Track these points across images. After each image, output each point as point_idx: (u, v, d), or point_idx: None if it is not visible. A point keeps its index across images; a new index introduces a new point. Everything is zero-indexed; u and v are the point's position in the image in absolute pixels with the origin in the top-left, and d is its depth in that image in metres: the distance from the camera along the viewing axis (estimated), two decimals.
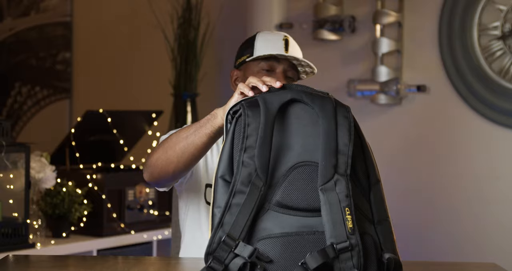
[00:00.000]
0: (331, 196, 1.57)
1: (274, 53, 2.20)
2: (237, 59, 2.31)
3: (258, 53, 2.23)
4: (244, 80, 2.20)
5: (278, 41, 2.25)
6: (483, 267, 2.05)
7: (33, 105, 5.19)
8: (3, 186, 3.14)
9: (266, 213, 1.57)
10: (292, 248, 1.56)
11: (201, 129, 1.87)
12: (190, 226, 2.24)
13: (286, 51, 2.24)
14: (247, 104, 1.65)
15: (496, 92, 3.88)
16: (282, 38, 2.26)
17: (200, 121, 1.89)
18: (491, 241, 3.89)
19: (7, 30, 5.18)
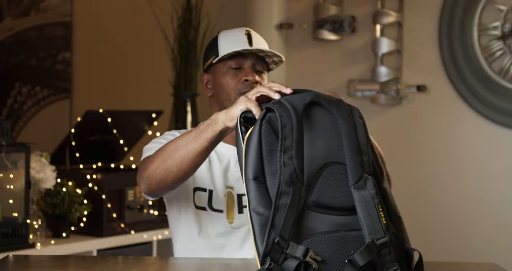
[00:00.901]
0: (364, 193, 1.62)
1: (238, 50, 2.16)
2: (204, 62, 2.27)
3: (223, 52, 2.19)
4: (215, 83, 2.20)
5: (240, 36, 2.21)
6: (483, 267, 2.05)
7: (33, 105, 5.20)
8: (3, 186, 3.14)
9: (304, 213, 1.59)
10: (337, 246, 1.58)
11: (202, 135, 1.86)
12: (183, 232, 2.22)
13: (250, 45, 2.19)
14: (277, 106, 1.65)
15: (496, 92, 3.88)
16: (244, 33, 2.22)
17: (199, 127, 1.89)
18: (491, 241, 3.89)
19: (7, 30, 5.19)
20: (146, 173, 1.97)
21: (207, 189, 2.19)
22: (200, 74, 2.30)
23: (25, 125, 5.18)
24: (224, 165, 2.21)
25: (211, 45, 2.25)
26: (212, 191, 2.18)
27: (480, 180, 3.94)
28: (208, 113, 2.17)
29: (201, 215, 2.16)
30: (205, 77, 2.27)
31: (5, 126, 3.08)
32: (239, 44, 2.18)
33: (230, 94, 2.19)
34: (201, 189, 2.18)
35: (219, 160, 2.22)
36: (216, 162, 2.21)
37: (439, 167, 4.05)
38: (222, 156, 2.22)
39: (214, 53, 2.23)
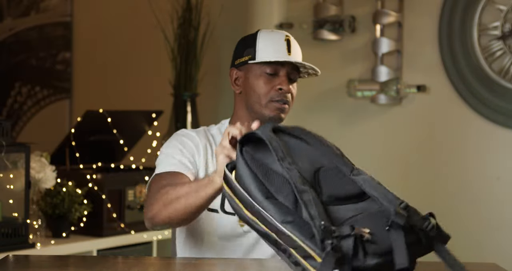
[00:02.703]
0: (364, 177, 1.67)
1: (279, 60, 2.18)
2: (237, 58, 2.26)
3: (261, 56, 2.19)
4: (246, 83, 2.20)
5: (280, 42, 2.22)
6: (483, 267, 2.05)
7: (33, 105, 5.19)
8: (3, 186, 3.14)
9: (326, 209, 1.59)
10: (370, 221, 1.57)
11: (202, 192, 1.91)
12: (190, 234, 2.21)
13: (289, 52, 2.22)
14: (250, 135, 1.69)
15: (496, 92, 3.88)
16: (284, 39, 2.24)
17: (198, 184, 1.92)
18: (491, 241, 3.89)
19: (7, 30, 5.18)
20: (150, 214, 2.02)
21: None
22: (230, 69, 2.29)
23: (25, 125, 5.18)
24: None
25: (248, 42, 2.24)
26: None
27: (480, 180, 3.94)
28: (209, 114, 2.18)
29: (212, 217, 2.15)
30: (235, 73, 2.26)
31: (5, 126, 3.08)
32: (278, 51, 2.19)
33: (261, 99, 2.20)
34: None
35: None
36: None
37: (439, 167, 4.05)
38: None
39: (250, 53, 2.22)
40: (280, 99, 2.18)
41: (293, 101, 2.23)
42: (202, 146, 2.20)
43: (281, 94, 2.18)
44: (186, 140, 2.20)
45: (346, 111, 4.29)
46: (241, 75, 2.24)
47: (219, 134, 2.26)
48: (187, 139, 2.21)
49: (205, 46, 4.33)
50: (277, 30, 2.30)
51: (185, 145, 2.19)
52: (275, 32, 2.26)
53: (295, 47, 2.25)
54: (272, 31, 2.27)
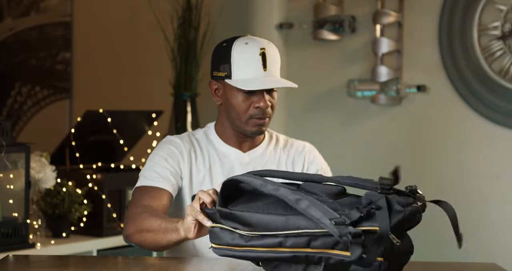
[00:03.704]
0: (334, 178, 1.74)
1: (253, 89, 2.15)
2: (214, 70, 2.24)
3: (237, 76, 2.17)
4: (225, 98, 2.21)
5: (254, 57, 2.17)
6: (483, 267, 2.05)
7: (33, 105, 5.19)
8: (3, 186, 3.14)
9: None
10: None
11: (167, 235, 1.94)
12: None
13: (264, 68, 2.18)
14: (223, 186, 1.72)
15: (496, 92, 3.88)
16: (259, 53, 2.18)
17: (167, 227, 1.94)
18: (491, 241, 3.89)
19: (7, 30, 5.18)
20: (125, 233, 2.09)
21: None
22: (209, 81, 2.28)
23: (25, 125, 5.18)
24: (227, 169, 2.22)
25: (223, 55, 2.21)
26: None
27: (480, 180, 3.94)
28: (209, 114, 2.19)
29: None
30: (214, 84, 2.26)
31: (5, 126, 3.08)
32: (253, 70, 2.17)
33: (241, 116, 2.21)
34: None
35: (221, 163, 2.23)
36: (218, 167, 2.22)
37: (439, 167, 4.05)
38: (226, 159, 2.23)
39: (226, 69, 2.19)
40: (259, 116, 2.19)
41: (273, 111, 2.25)
42: (186, 152, 2.23)
43: (260, 111, 2.19)
44: (172, 147, 2.23)
45: (346, 111, 4.29)
46: (220, 87, 2.24)
47: (204, 138, 2.28)
48: (172, 146, 2.24)
49: (205, 46, 4.33)
50: (253, 41, 2.22)
51: (170, 153, 2.22)
52: (249, 45, 2.20)
53: (271, 59, 2.20)
54: (247, 43, 2.20)
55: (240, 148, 2.26)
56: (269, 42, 2.24)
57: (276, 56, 2.24)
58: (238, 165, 2.23)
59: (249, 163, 2.25)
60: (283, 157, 2.31)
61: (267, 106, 2.20)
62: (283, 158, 2.30)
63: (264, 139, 2.32)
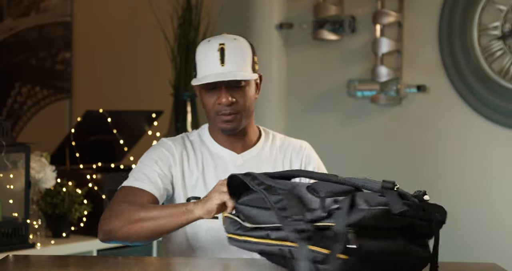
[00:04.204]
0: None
1: (206, 82, 2.14)
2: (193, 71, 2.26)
3: (198, 73, 2.18)
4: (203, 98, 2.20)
5: (213, 54, 2.15)
6: (483, 267, 2.05)
7: (33, 105, 5.19)
8: (3, 186, 3.14)
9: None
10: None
11: (176, 219, 1.95)
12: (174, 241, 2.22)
13: (222, 63, 2.14)
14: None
15: (496, 92, 3.88)
16: (218, 48, 2.16)
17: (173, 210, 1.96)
18: (491, 241, 3.89)
19: (7, 30, 5.18)
20: (107, 227, 2.05)
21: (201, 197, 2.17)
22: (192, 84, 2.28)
23: (25, 125, 5.18)
24: (221, 170, 2.20)
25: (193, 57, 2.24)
26: None
27: (480, 180, 3.94)
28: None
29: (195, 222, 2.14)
30: (196, 87, 2.26)
31: (5, 126, 3.08)
32: (210, 65, 2.15)
33: (210, 113, 2.20)
34: (195, 198, 2.18)
35: (215, 165, 2.21)
36: (211, 168, 2.21)
37: (439, 167, 4.05)
38: (220, 160, 2.22)
39: (194, 69, 2.22)
40: (224, 112, 2.17)
41: (245, 108, 2.19)
42: (177, 154, 2.22)
43: (223, 107, 2.16)
44: (163, 150, 2.22)
45: (346, 111, 4.29)
46: (199, 91, 2.25)
47: (198, 140, 2.27)
48: (164, 149, 2.23)
49: None
50: (216, 38, 2.21)
51: (161, 156, 2.21)
52: (210, 41, 2.20)
53: (230, 54, 2.16)
54: (209, 40, 2.21)
55: (233, 149, 2.24)
56: (236, 38, 2.21)
57: (241, 51, 2.19)
58: (232, 167, 2.21)
59: (243, 164, 2.22)
60: (279, 156, 2.29)
61: (228, 102, 2.15)
62: (279, 158, 2.28)
63: (259, 139, 2.30)
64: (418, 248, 1.71)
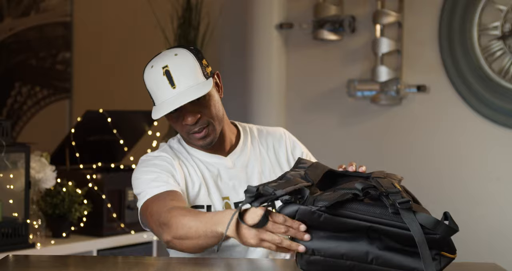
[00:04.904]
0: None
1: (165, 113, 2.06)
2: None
3: (156, 102, 2.12)
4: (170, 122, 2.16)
5: (159, 79, 2.09)
6: (483, 267, 2.05)
7: (33, 105, 5.19)
8: (3, 186, 3.14)
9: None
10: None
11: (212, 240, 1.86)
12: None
13: (172, 86, 2.07)
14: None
15: (496, 92, 3.88)
16: (162, 73, 2.10)
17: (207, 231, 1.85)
18: (491, 241, 3.89)
19: (7, 30, 5.18)
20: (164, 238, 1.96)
21: (205, 205, 2.16)
22: None
23: (25, 125, 5.18)
24: (215, 176, 2.19)
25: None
26: (210, 206, 2.15)
27: (481, 180, 3.94)
28: None
29: None
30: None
31: (5, 126, 3.08)
32: (162, 91, 2.08)
33: (183, 135, 2.18)
34: (199, 207, 2.15)
35: (210, 172, 2.19)
36: (208, 176, 2.19)
37: (439, 167, 4.05)
38: (212, 166, 2.20)
39: (151, 98, 2.16)
40: (194, 130, 2.12)
41: (215, 116, 2.13)
42: (176, 164, 2.17)
43: (192, 126, 2.12)
44: (158, 161, 2.17)
45: (346, 111, 4.29)
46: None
47: (183, 150, 2.22)
48: (158, 160, 2.17)
49: (205, 46, 4.33)
50: (157, 61, 2.14)
51: (159, 166, 2.15)
52: (154, 67, 2.13)
53: (177, 74, 2.08)
54: (152, 66, 2.14)
55: (219, 152, 2.21)
56: (176, 54, 2.13)
57: (186, 65, 2.11)
58: (223, 170, 2.19)
59: (233, 166, 2.21)
60: (263, 149, 2.26)
61: (194, 120, 2.09)
62: (263, 150, 2.26)
63: (240, 137, 2.26)
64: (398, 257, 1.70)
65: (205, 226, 1.85)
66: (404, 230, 1.67)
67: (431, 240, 1.66)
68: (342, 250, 1.71)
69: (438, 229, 1.66)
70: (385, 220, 1.68)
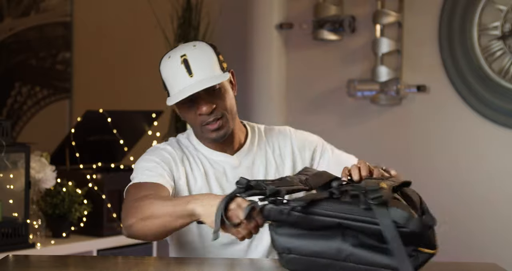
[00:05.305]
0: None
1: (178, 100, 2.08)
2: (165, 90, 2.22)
3: (171, 92, 2.14)
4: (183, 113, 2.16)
5: (177, 68, 2.11)
6: (483, 267, 2.05)
7: (33, 105, 5.19)
8: (3, 186, 3.14)
9: None
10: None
11: (179, 220, 1.88)
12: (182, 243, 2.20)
13: (190, 74, 2.09)
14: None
15: (496, 92, 3.88)
16: (180, 61, 2.11)
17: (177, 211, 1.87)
18: (492, 241, 3.89)
19: (7, 30, 5.18)
20: (126, 224, 1.98)
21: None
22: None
23: (25, 125, 5.18)
24: (219, 174, 2.19)
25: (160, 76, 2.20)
26: None
27: (480, 180, 3.94)
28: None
29: (202, 227, 2.12)
30: (173, 106, 2.20)
31: (5, 126, 3.08)
32: (179, 80, 2.10)
33: (195, 128, 2.16)
34: None
35: (214, 170, 2.19)
36: (211, 174, 2.18)
37: (439, 167, 4.05)
38: (217, 164, 2.19)
39: (166, 89, 2.18)
40: (208, 121, 2.11)
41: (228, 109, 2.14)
42: (178, 159, 2.17)
43: (206, 117, 2.11)
44: (163, 152, 2.17)
45: (346, 111, 4.29)
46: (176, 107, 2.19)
47: (191, 146, 2.22)
48: (163, 152, 2.17)
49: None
50: (175, 51, 2.16)
51: (161, 158, 2.15)
52: (171, 57, 2.15)
53: (195, 63, 2.10)
54: (169, 56, 2.16)
55: (226, 151, 2.20)
56: (195, 45, 2.14)
57: (204, 55, 2.12)
58: (229, 169, 2.19)
59: (239, 165, 2.20)
60: (269, 150, 2.24)
61: (209, 110, 2.09)
62: (269, 151, 2.24)
63: (247, 136, 2.26)
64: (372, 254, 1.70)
65: (175, 204, 1.88)
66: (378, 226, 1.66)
67: (406, 235, 1.63)
68: (315, 248, 1.72)
69: (410, 224, 1.63)
70: (355, 216, 1.67)
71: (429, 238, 1.68)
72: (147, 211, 1.93)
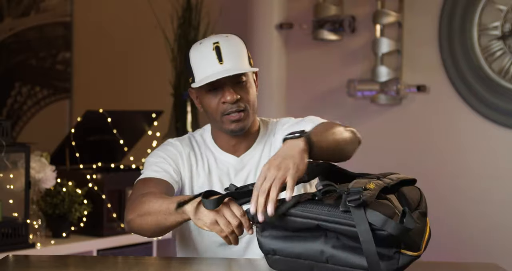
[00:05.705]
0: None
1: (208, 81, 2.07)
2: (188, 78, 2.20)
3: (196, 77, 2.12)
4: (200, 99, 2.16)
5: (208, 53, 2.10)
6: (483, 267, 2.05)
7: (33, 105, 5.19)
8: (3, 186, 3.14)
9: None
10: None
11: (171, 217, 1.90)
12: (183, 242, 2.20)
13: (220, 61, 2.08)
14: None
15: (496, 92, 3.88)
16: (212, 48, 2.10)
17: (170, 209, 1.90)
18: (492, 241, 3.89)
19: (7, 30, 5.18)
20: (126, 219, 2.03)
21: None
22: (189, 89, 2.23)
23: (25, 125, 5.18)
24: (224, 174, 2.19)
25: (187, 61, 2.18)
26: None
27: (480, 180, 3.94)
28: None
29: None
30: (193, 92, 2.20)
31: (5, 126, 3.08)
32: (209, 65, 2.09)
33: (215, 116, 2.14)
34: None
35: (218, 168, 2.19)
36: (215, 172, 2.19)
37: (439, 167, 4.05)
38: (222, 164, 2.19)
39: (190, 74, 2.16)
40: (230, 111, 2.11)
41: (251, 105, 2.14)
42: (185, 154, 2.19)
43: (229, 106, 2.10)
44: (170, 148, 2.20)
45: (346, 111, 4.29)
46: (195, 93, 2.19)
47: (202, 141, 2.23)
48: (171, 147, 2.20)
49: None
50: (208, 38, 2.16)
51: (168, 153, 2.18)
52: (203, 43, 2.14)
53: (227, 51, 2.10)
54: (201, 42, 2.15)
55: (234, 152, 2.20)
56: (227, 36, 2.15)
57: (236, 47, 2.13)
58: (232, 172, 2.19)
59: (243, 168, 2.19)
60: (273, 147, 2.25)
61: (233, 99, 2.09)
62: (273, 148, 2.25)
63: (258, 135, 2.24)
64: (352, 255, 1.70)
65: (168, 202, 1.91)
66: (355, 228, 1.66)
67: (385, 237, 1.63)
68: (297, 250, 1.74)
69: (387, 227, 1.62)
70: (333, 218, 1.67)
71: (413, 241, 1.67)
72: (145, 208, 1.97)
